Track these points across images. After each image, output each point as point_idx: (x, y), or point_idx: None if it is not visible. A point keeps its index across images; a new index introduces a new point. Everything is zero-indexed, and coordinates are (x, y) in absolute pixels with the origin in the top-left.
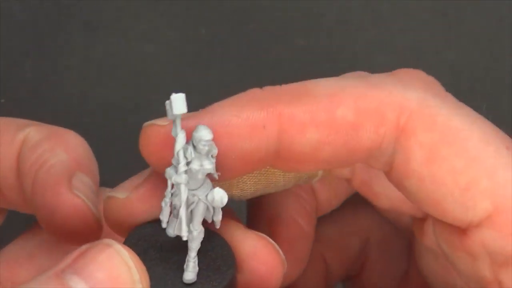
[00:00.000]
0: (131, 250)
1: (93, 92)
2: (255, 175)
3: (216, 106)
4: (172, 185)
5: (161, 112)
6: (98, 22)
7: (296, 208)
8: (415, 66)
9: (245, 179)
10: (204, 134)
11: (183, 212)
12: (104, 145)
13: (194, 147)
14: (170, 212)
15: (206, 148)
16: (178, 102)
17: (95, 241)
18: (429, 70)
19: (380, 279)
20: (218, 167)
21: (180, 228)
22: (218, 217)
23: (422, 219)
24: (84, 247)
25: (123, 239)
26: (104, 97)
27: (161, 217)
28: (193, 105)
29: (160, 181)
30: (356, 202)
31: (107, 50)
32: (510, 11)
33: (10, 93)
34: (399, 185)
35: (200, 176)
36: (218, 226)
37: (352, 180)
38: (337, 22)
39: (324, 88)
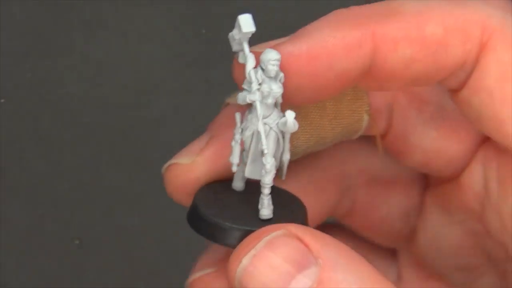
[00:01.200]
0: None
1: (93, 92)
2: (308, 130)
3: (310, 28)
4: (241, 120)
5: (162, 111)
6: (98, 22)
7: None
8: None
9: (298, 135)
10: (272, 54)
11: (261, 127)
12: (104, 145)
13: (263, 70)
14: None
15: (275, 68)
16: (246, 22)
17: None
18: None
19: (373, 222)
20: (312, 93)
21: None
22: (287, 156)
23: (453, 175)
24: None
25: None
26: (104, 97)
27: (231, 159)
28: (194, 105)
29: (224, 142)
30: (338, 147)
31: (107, 50)
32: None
33: (10, 93)
34: (465, 103)
35: (270, 100)
36: (283, 177)
37: (388, 134)
38: None
39: (411, 6)
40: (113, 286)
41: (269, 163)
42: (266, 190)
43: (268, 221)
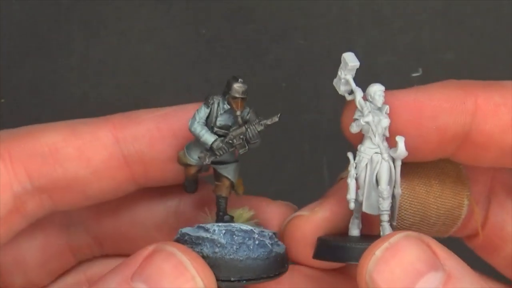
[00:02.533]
0: (195, 256)
1: (93, 92)
2: (414, 204)
3: (421, 87)
4: (354, 156)
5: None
6: (98, 22)
7: None
8: (415, 66)
9: (406, 206)
10: (378, 86)
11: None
12: None
13: (370, 102)
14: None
15: (382, 98)
16: (350, 57)
17: (158, 245)
18: (429, 70)
19: None
20: (415, 144)
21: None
22: (398, 191)
23: None
24: (147, 251)
25: None
26: (104, 97)
27: (348, 197)
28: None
29: (338, 198)
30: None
31: (107, 50)
32: (510, 11)
33: (10, 93)
34: None
35: (380, 131)
36: (395, 221)
37: (484, 226)
38: (337, 22)
39: None
40: None
41: (386, 190)
42: (385, 217)
43: None
